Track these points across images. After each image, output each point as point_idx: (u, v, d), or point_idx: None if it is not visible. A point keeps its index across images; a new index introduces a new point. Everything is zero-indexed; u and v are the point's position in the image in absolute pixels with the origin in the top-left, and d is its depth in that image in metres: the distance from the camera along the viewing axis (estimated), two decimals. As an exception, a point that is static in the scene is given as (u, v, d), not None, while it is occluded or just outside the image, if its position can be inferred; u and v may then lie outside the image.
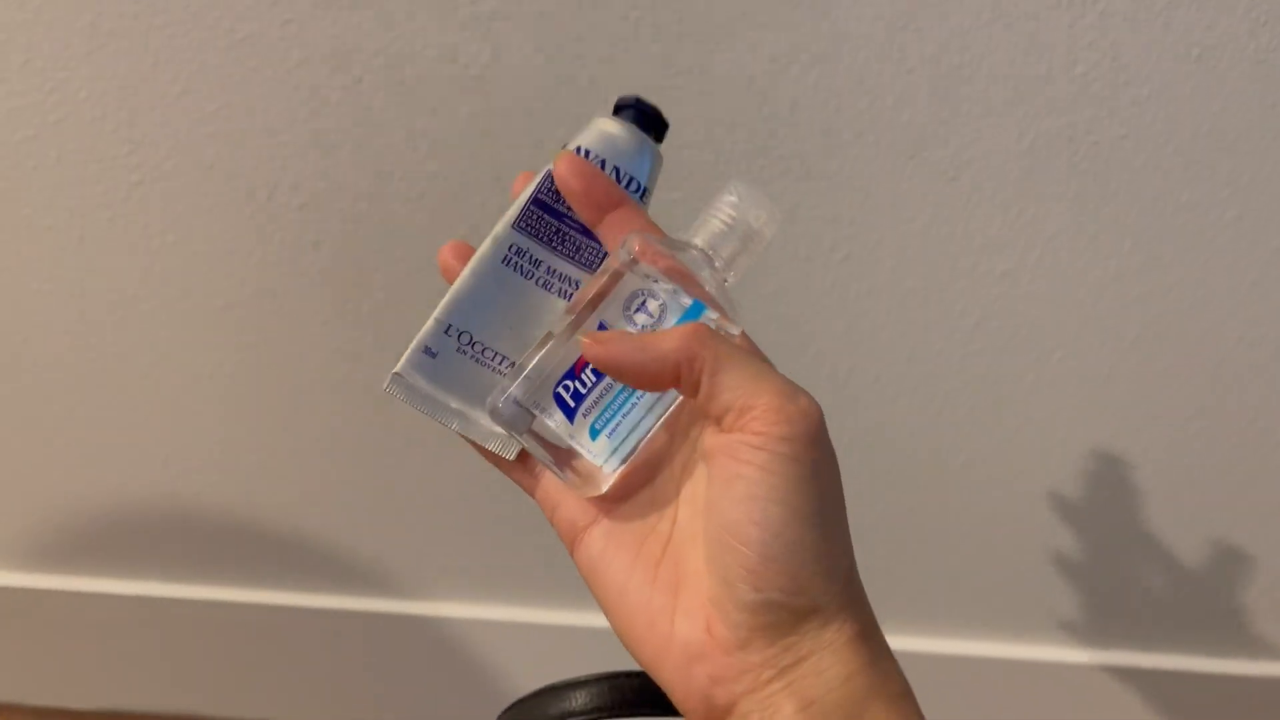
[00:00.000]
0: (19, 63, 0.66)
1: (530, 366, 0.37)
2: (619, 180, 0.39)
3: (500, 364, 0.39)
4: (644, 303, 0.36)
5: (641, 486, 0.37)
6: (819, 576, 0.32)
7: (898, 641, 0.34)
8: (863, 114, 0.65)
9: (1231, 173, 0.66)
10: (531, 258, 0.39)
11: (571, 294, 0.39)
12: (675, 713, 0.34)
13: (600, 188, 0.38)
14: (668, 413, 0.37)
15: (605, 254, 0.39)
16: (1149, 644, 0.83)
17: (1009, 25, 0.62)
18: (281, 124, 0.67)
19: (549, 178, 0.39)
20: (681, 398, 0.36)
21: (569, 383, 0.36)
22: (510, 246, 0.39)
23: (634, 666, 0.40)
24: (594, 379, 0.36)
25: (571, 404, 0.36)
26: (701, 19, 0.63)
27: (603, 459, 0.36)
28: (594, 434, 0.36)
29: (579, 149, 0.39)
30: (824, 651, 0.32)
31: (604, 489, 0.37)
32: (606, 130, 0.39)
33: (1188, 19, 0.61)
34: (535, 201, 0.39)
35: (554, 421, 0.36)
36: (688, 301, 0.36)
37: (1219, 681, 0.84)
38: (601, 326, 0.36)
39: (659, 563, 0.35)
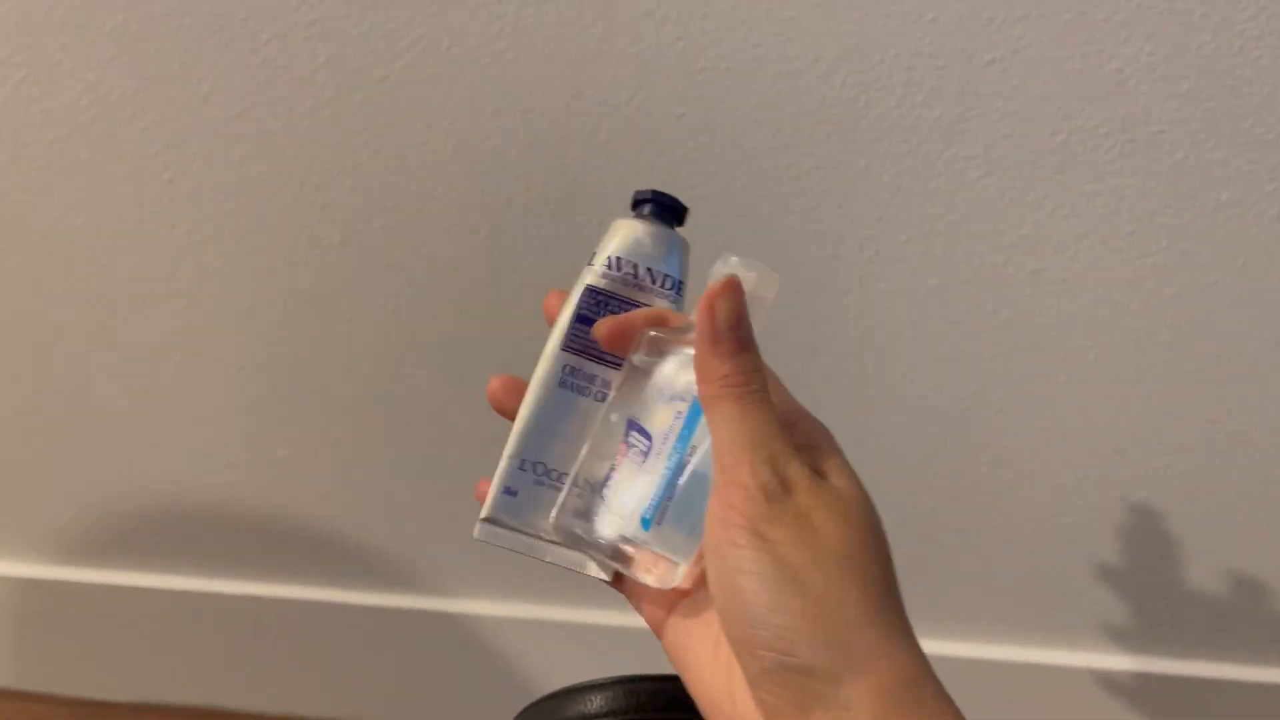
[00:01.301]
0: (50, 64, 0.66)
1: (576, 474, 0.37)
2: (654, 280, 0.40)
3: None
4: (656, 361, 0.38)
5: None
6: (809, 639, 0.31)
7: (926, 645, 0.33)
8: (892, 110, 0.64)
9: (1274, 170, 0.64)
10: (584, 374, 0.40)
11: None
12: (691, 713, 0.34)
13: (631, 327, 0.38)
14: None
15: None
16: (1182, 649, 0.82)
17: (1042, 19, 0.61)
18: (308, 124, 0.67)
19: (587, 292, 0.39)
20: None
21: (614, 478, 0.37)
22: (563, 367, 0.40)
23: (653, 668, 0.40)
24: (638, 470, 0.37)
25: (623, 501, 0.37)
26: (726, 14, 0.62)
27: (669, 551, 0.36)
28: (645, 524, 0.36)
29: (610, 260, 0.40)
30: (846, 711, 0.31)
31: (677, 582, 0.36)
32: (633, 235, 0.40)
33: (1227, 12, 0.60)
34: (578, 319, 0.40)
35: (611, 523, 0.37)
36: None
37: (1258, 690, 0.82)
38: (631, 425, 0.37)
39: (717, 642, 0.35)
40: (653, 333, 0.38)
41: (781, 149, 0.66)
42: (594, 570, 0.39)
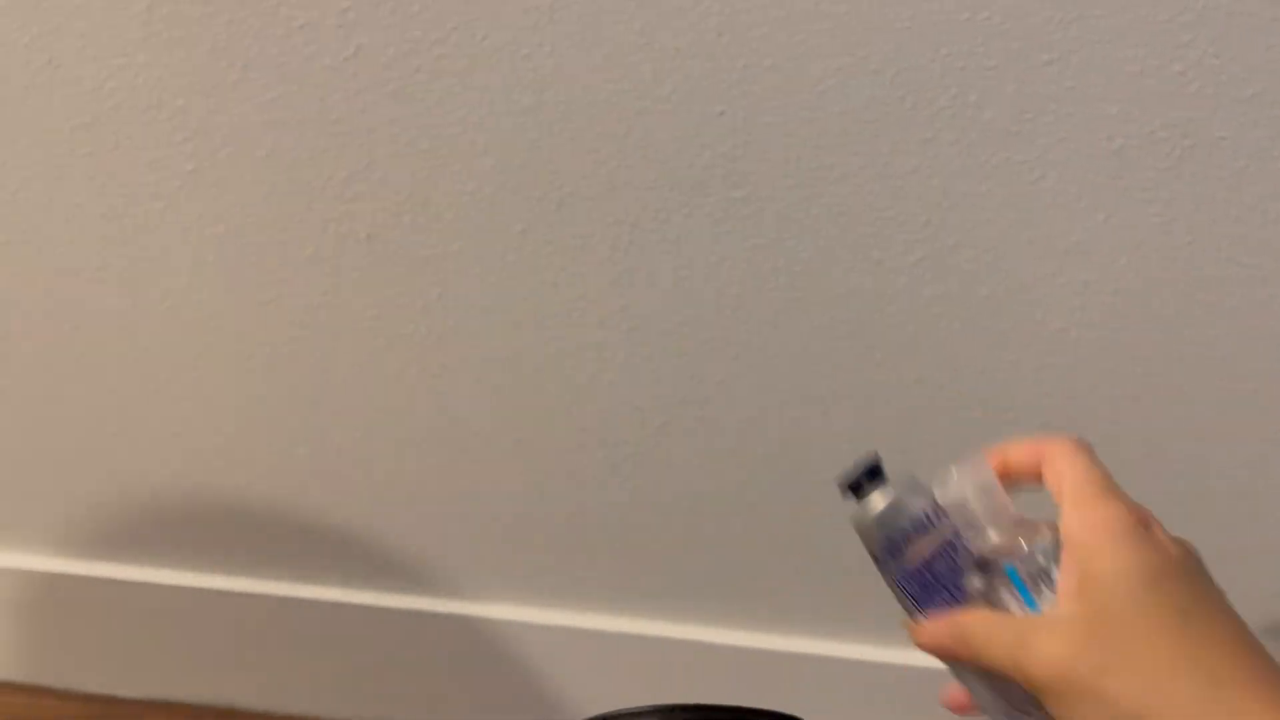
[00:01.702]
0: (75, 49, 0.64)
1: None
2: (927, 522, 0.40)
3: None
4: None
5: None
6: None
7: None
8: (942, 111, 0.62)
9: (1340, 179, 0.62)
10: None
11: None
12: None
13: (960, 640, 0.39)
14: None
15: None
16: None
17: (1101, 19, 0.59)
18: (338, 114, 0.65)
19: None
20: None
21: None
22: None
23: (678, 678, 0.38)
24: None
25: None
26: (772, 8, 0.60)
27: None
28: None
29: (893, 552, 0.40)
30: None
31: None
32: (882, 514, 0.41)
33: (1299, 14, 0.57)
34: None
35: None
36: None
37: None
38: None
39: None
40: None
41: (826, 149, 0.64)
42: None
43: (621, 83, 0.63)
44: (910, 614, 0.41)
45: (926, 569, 0.40)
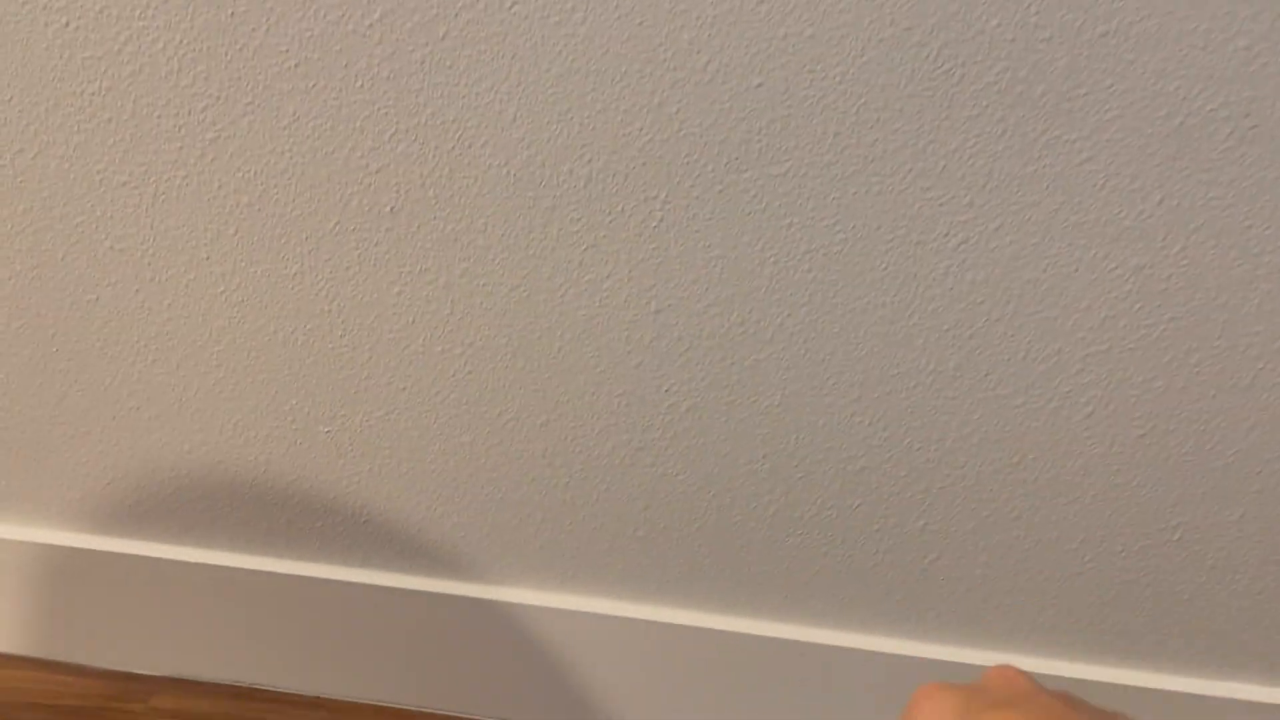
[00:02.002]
0: (94, 12, 0.63)
1: None
2: None
3: None
4: None
5: None
6: None
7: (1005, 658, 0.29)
8: (990, 86, 0.59)
9: None
10: None
11: None
12: None
13: None
14: None
15: None
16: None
17: (1163, -10, 0.56)
18: (361, 82, 0.63)
19: None
20: None
21: None
22: None
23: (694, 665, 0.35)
24: None
25: None
26: (817, -24, 0.57)
27: None
28: None
29: None
30: None
31: None
32: None
33: (1376, -14, 0.54)
34: None
35: None
36: None
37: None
38: None
39: None
40: None
41: (867, 125, 0.61)
42: None
43: (656, 52, 0.60)
44: None
45: None
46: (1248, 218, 0.61)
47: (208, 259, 0.71)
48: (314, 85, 0.64)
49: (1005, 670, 0.35)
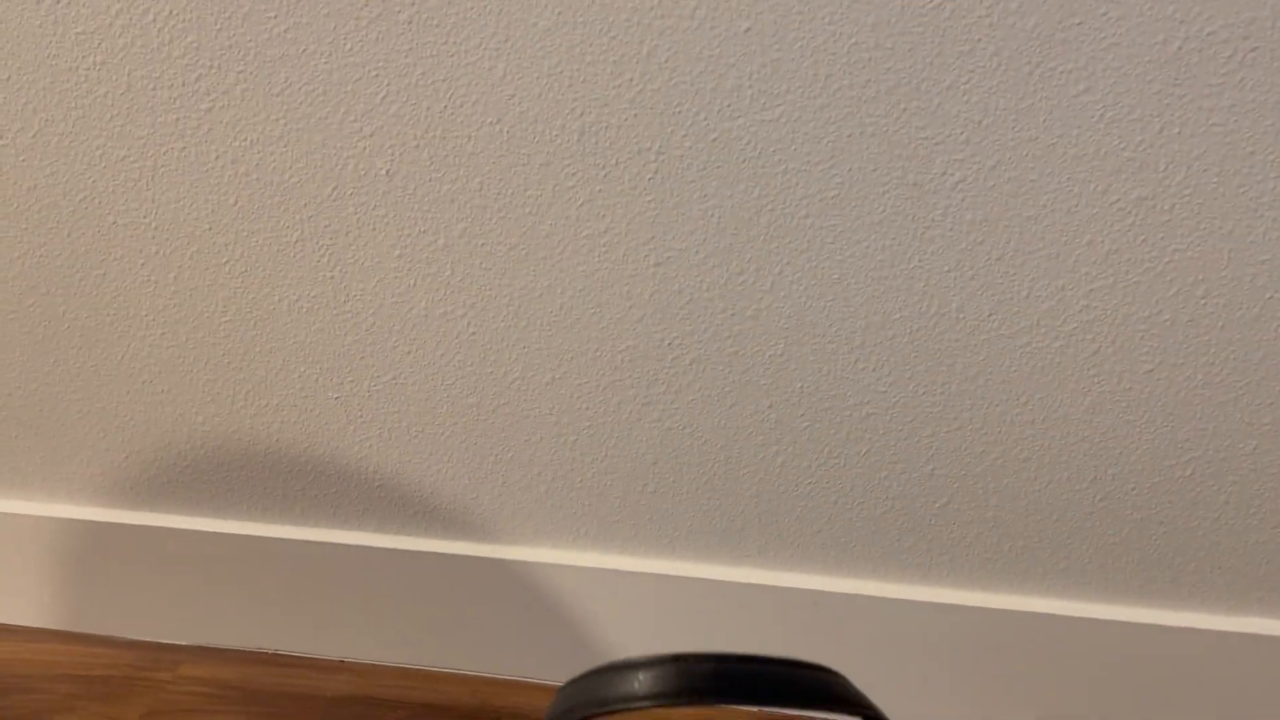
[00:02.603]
0: (84, -15, 0.63)
1: None
2: None
3: None
4: None
5: None
6: None
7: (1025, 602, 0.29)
8: (982, 20, 0.58)
9: None
10: None
11: None
12: (747, 700, 0.30)
13: None
14: None
15: None
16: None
17: (1156, -88, 0.54)
18: (351, 44, 0.63)
19: None
20: None
21: None
22: None
23: (716, 630, 0.36)
24: None
25: None
26: (800, -85, 0.56)
27: None
28: None
29: None
30: None
31: None
32: None
33: (1375, -104, 0.53)
34: None
35: None
36: None
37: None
38: None
39: None
40: None
41: (858, 65, 0.60)
42: None
43: (643, 1, 0.60)
44: None
45: None
46: (1250, 143, 0.60)
47: (210, 229, 0.72)
48: (304, 50, 0.64)
49: None
